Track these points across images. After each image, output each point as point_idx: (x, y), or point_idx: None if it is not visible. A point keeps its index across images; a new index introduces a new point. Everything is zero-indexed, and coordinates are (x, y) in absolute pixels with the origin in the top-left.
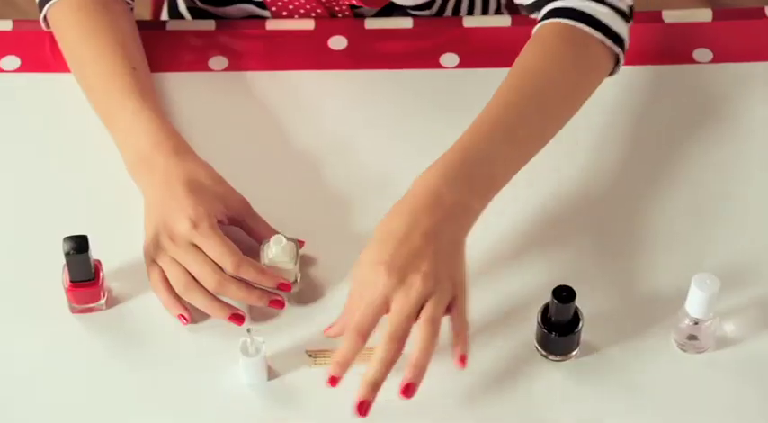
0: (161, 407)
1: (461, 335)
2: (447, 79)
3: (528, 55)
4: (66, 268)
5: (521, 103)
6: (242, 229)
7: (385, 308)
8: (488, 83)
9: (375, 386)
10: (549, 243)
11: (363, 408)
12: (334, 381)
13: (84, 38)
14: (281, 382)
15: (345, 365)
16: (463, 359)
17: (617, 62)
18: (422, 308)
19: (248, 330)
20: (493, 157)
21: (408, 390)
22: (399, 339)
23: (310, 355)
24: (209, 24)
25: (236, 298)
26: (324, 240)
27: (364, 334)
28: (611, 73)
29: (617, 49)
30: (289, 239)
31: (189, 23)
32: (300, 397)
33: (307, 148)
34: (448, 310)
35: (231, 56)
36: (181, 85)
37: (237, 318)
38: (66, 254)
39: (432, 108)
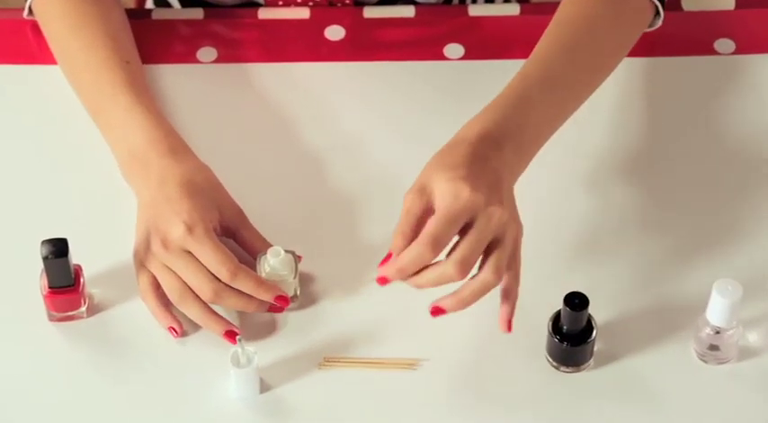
0: (146, 422)
1: (513, 296)
2: (451, 72)
3: (566, 7)
4: (44, 273)
5: (559, 53)
6: (235, 240)
7: (463, 223)
8: (495, 75)
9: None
10: (560, 247)
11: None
12: (383, 280)
13: (73, 29)
14: (274, 396)
15: (403, 273)
16: (510, 324)
17: (656, 14)
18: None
19: (239, 340)
20: (530, 106)
21: (436, 311)
22: (459, 264)
23: (324, 362)
24: (197, 13)
25: (235, 307)
26: (322, 247)
27: (439, 246)
28: (650, 26)
29: (656, 1)
30: (286, 252)
31: (176, 12)
32: (294, 412)
33: (302, 146)
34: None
35: (221, 47)
36: (167, 78)
37: (232, 335)
38: (45, 258)
39: (435, 103)
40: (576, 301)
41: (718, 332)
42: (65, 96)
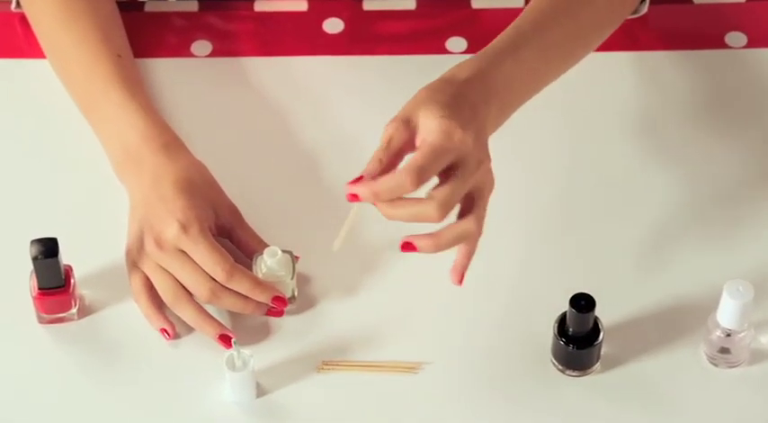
0: None
1: (474, 246)
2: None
3: None
4: (33, 274)
5: (553, 16)
6: (230, 240)
7: (449, 163)
8: None
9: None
10: (566, 247)
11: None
12: (354, 197)
13: (63, 22)
14: (271, 401)
15: (377, 197)
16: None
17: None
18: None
19: (235, 342)
20: (521, 62)
21: (407, 246)
22: (443, 205)
23: (323, 365)
24: (191, 5)
25: (232, 308)
26: (320, 247)
27: (422, 179)
28: (636, 12)
29: None
30: (284, 252)
31: (170, 4)
32: (291, 417)
33: (299, 142)
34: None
35: (216, 40)
36: (160, 73)
37: (226, 339)
38: (34, 258)
39: None
40: (583, 303)
41: (728, 334)
42: (54, 91)
